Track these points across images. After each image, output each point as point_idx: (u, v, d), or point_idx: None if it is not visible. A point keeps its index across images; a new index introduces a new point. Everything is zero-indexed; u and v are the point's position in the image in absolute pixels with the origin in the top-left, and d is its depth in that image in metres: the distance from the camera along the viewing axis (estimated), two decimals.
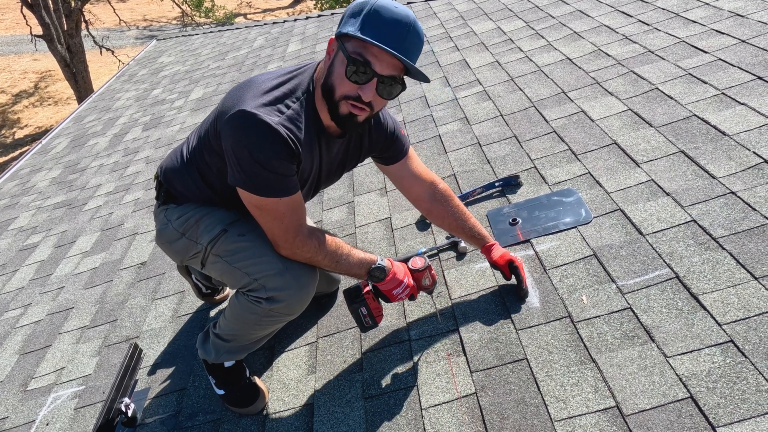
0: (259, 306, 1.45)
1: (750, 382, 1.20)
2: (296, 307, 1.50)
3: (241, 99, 1.32)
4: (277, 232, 1.42)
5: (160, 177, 1.61)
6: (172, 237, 1.58)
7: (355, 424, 1.45)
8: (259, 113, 1.28)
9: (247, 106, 1.29)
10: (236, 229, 1.50)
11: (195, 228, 1.53)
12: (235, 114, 1.29)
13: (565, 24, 3.45)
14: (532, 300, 1.61)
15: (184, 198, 1.57)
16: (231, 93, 1.39)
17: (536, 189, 2.08)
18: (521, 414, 1.32)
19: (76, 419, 1.77)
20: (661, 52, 2.67)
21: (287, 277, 1.43)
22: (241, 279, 1.47)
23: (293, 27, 6.11)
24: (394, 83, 1.33)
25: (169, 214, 1.58)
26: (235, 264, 1.47)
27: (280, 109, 1.32)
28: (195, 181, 1.54)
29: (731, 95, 2.14)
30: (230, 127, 1.31)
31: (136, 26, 19.27)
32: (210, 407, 1.66)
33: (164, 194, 1.60)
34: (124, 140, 4.32)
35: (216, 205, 1.56)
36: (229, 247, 1.48)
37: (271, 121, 1.28)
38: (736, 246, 1.52)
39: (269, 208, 1.38)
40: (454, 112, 2.89)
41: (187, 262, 1.62)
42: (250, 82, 1.39)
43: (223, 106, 1.38)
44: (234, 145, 1.31)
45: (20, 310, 2.50)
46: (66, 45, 10.89)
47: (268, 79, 1.38)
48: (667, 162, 1.93)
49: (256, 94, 1.32)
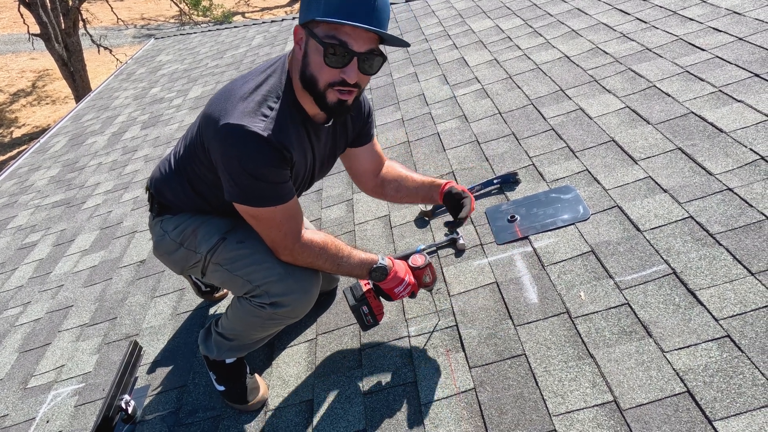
0: (263, 310, 1.46)
1: (746, 376, 1.21)
2: (300, 310, 1.50)
3: (224, 111, 1.30)
4: (276, 239, 1.41)
5: (151, 189, 1.60)
6: (170, 248, 1.57)
7: (354, 420, 1.46)
8: (244, 123, 1.26)
9: (231, 118, 1.27)
10: (235, 236, 1.49)
11: (193, 237, 1.52)
12: (220, 128, 1.27)
13: (563, 22, 3.45)
14: (530, 296, 1.62)
15: (177, 208, 1.56)
16: (211, 104, 1.37)
17: (534, 186, 2.08)
18: (520, 409, 1.33)
19: (77, 416, 1.78)
20: (658, 49, 2.67)
21: (289, 282, 1.43)
22: (244, 286, 1.47)
23: (291, 26, 6.11)
24: (373, 56, 1.28)
25: (165, 225, 1.57)
26: (236, 272, 1.47)
27: (264, 113, 1.30)
28: (185, 191, 1.53)
29: (728, 92, 2.15)
30: (217, 142, 1.29)
31: (134, 25, 19.23)
32: (210, 404, 1.67)
33: (157, 206, 1.59)
34: (123, 139, 4.32)
35: (210, 213, 1.55)
36: (228, 255, 1.48)
37: (257, 129, 1.26)
38: (732, 242, 1.53)
39: (266, 217, 1.38)
40: (453, 110, 2.90)
41: (187, 271, 1.61)
42: (228, 90, 1.36)
43: (206, 119, 1.35)
44: (223, 159, 1.30)
45: (20, 308, 2.50)
46: (64, 44, 10.86)
47: (244, 84, 1.35)
48: (665, 159, 1.94)
49: (236, 103, 1.30)
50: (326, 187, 2.62)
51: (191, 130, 1.51)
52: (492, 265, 1.79)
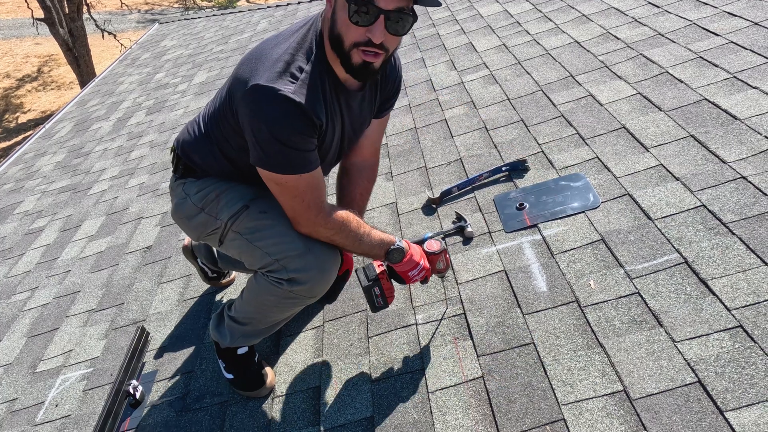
0: (280, 287, 1.41)
1: (759, 366, 1.20)
2: (318, 290, 1.46)
3: (254, 71, 1.26)
4: (298, 209, 1.37)
5: (177, 150, 1.56)
6: (191, 212, 1.52)
7: (362, 407, 1.46)
8: (275, 85, 1.22)
9: (261, 80, 1.23)
10: (258, 205, 1.45)
11: (215, 203, 1.48)
12: (249, 90, 1.24)
13: (573, 6, 3.39)
14: (539, 284, 1.61)
15: (203, 172, 1.52)
16: (242, 65, 1.34)
17: (544, 174, 2.06)
18: (528, 398, 1.32)
19: (85, 401, 1.79)
20: (671, 34, 2.62)
21: (309, 258, 1.39)
22: (262, 259, 1.42)
23: (297, 10, 6.04)
24: (403, 15, 1.21)
25: (188, 188, 1.52)
26: (256, 242, 1.43)
27: (294, 75, 1.25)
28: (214, 155, 1.49)
29: (743, 79, 2.11)
30: (246, 104, 1.26)
31: (137, 10, 19.11)
32: (217, 389, 1.67)
33: (182, 168, 1.54)
34: (128, 124, 4.31)
35: (236, 179, 1.51)
36: (250, 224, 1.44)
37: (287, 92, 1.22)
38: (746, 231, 1.51)
39: (290, 185, 1.33)
40: (461, 96, 2.86)
41: (204, 238, 1.56)
42: (259, 50, 1.33)
43: (236, 80, 1.32)
44: (251, 123, 1.27)
45: (27, 293, 2.51)
46: (68, 29, 10.81)
47: (276, 44, 1.31)
48: (677, 146, 1.91)
49: (267, 64, 1.26)
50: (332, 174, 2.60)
51: (221, 92, 1.46)
52: (500, 253, 1.78)
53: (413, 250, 1.48)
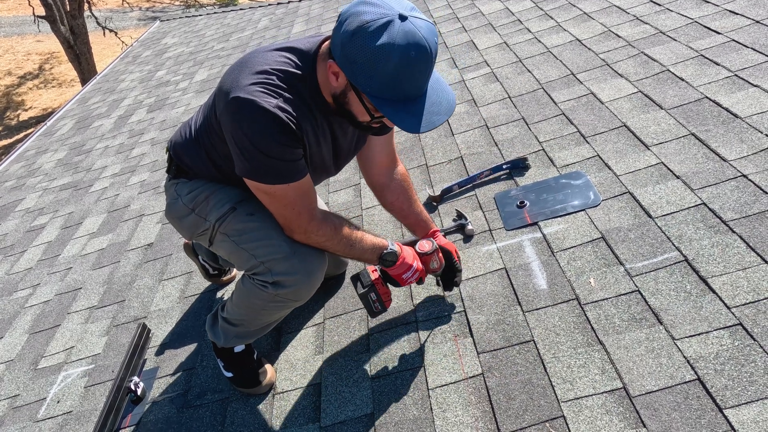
0: (265, 291, 1.42)
1: (758, 364, 1.20)
2: (303, 293, 1.47)
3: (236, 82, 1.27)
4: (290, 218, 1.38)
5: (171, 151, 1.58)
6: (182, 212, 1.55)
7: (362, 404, 1.46)
8: (256, 98, 1.22)
9: (242, 92, 1.24)
10: (246, 208, 1.47)
11: (204, 204, 1.50)
12: (231, 101, 1.24)
13: (575, 4, 3.39)
14: (539, 282, 1.61)
15: (194, 173, 1.54)
16: (227, 75, 1.34)
17: (544, 172, 2.06)
18: (528, 395, 1.33)
19: (87, 397, 1.80)
20: (672, 33, 2.62)
21: (294, 262, 1.40)
22: (248, 261, 1.44)
23: (298, 8, 6.04)
24: None
25: (179, 188, 1.55)
26: (243, 245, 1.45)
27: (278, 90, 1.26)
28: (202, 159, 1.51)
29: (744, 77, 2.11)
30: (228, 116, 1.27)
31: (138, 7, 19.09)
32: (218, 386, 1.68)
33: (175, 168, 1.56)
34: (129, 122, 4.31)
35: (225, 183, 1.53)
36: (237, 226, 1.46)
37: (268, 105, 1.22)
38: (746, 229, 1.51)
39: (278, 194, 1.35)
40: (462, 94, 2.86)
41: (195, 239, 1.59)
42: (245, 61, 1.33)
43: (219, 91, 1.33)
44: (234, 134, 1.27)
45: (29, 290, 2.52)
46: (69, 26, 10.81)
47: (263, 57, 1.32)
48: (678, 144, 1.91)
49: (251, 76, 1.26)
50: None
51: (209, 100, 1.48)
52: (501, 250, 1.78)
53: (406, 252, 1.49)
